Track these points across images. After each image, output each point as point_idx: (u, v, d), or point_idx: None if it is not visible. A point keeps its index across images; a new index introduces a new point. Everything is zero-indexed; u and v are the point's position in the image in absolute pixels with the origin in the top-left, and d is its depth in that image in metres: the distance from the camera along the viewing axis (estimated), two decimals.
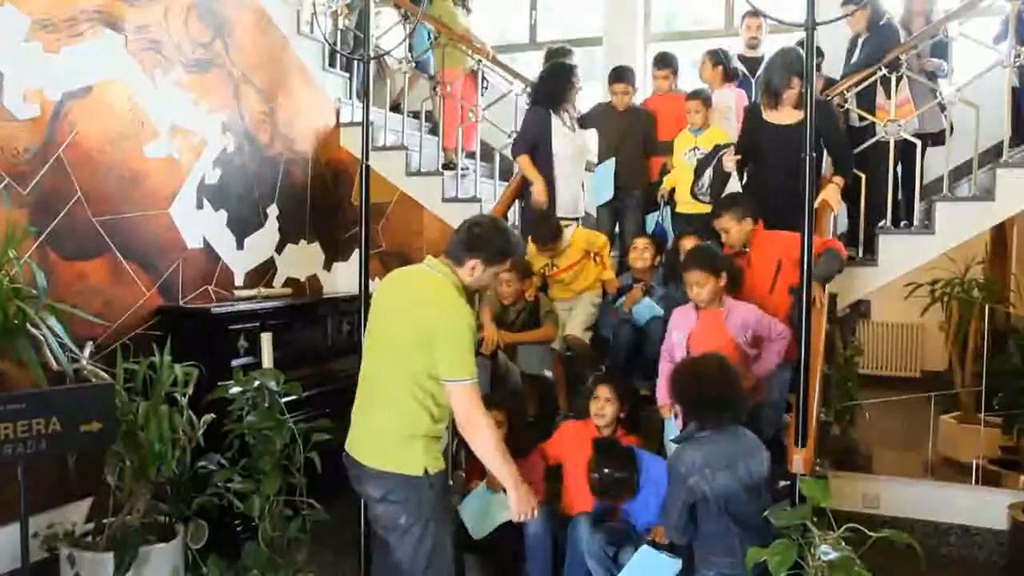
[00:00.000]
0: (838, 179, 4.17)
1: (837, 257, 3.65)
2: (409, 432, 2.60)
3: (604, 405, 3.38)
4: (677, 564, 2.93)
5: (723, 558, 2.76)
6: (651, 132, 4.86)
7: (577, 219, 4.72)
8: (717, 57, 4.94)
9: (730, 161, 4.14)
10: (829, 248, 3.65)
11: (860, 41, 5.04)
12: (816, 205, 3.68)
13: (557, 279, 4.28)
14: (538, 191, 4.59)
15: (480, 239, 2.66)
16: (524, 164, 4.66)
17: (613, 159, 4.74)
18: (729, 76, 4.93)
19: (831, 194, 4.11)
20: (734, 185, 4.26)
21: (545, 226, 4.26)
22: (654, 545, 3.04)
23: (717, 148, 4.35)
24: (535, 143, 4.65)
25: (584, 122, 4.89)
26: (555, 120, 4.63)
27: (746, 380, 3.18)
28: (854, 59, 5.04)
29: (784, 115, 4.03)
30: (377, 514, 2.69)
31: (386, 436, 2.63)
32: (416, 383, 2.59)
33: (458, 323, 2.56)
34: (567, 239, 4.27)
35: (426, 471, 2.58)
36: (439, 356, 2.54)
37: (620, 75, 4.85)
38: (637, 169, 4.79)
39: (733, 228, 3.68)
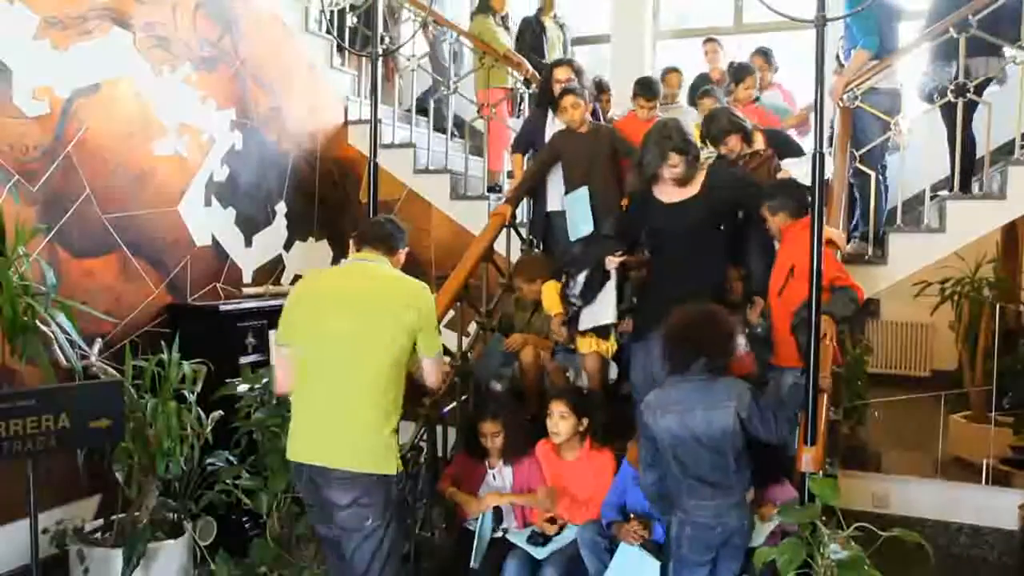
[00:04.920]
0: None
1: (853, 300, 3.29)
2: (385, 430, 2.65)
3: (558, 422, 3.33)
4: (657, 565, 2.92)
5: (687, 501, 2.77)
6: (618, 143, 4.34)
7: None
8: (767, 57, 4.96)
9: (613, 261, 3.59)
10: (845, 287, 3.29)
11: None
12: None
13: None
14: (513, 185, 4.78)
15: (401, 232, 2.94)
16: (514, 162, 4.84)
17: (586, 188, 4.20)
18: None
19: (834, 233, 3.66)
20: (610, 288, 3.62)
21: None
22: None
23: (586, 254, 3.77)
24: (531, 142, 4.77)
25: (548, 151, 4.47)
26: (551, 119, 4.64)
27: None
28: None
29: (671, 193, 3.49)
30: (339, 518, 2.63)
31: (365, 436, 2.62)
32: (388, 378, 2.66)
33: (434, 307, 2.83)
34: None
35: (397, 469, 2.68)
36: (424, 339, 2.74)
37: (570, 89, 4.32)
38: (612, 193, 4.23)
39: (769, 219, 3.50)
